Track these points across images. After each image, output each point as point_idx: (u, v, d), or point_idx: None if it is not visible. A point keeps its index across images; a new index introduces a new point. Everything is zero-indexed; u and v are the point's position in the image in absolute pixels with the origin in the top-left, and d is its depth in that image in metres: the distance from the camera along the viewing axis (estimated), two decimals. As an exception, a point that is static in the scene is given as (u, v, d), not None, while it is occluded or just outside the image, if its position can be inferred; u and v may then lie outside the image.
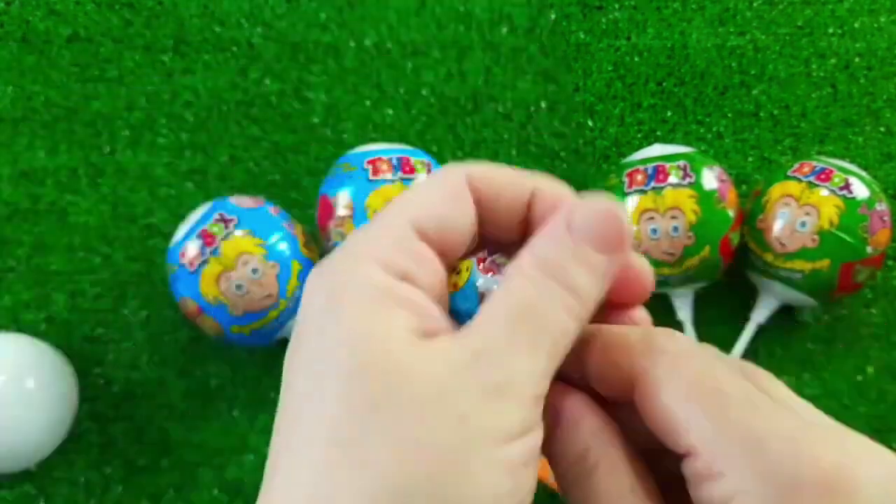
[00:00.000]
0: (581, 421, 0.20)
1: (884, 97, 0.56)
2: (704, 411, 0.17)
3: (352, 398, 0.17)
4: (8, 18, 0.56)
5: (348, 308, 0.18)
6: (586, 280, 0.19)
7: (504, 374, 0.17)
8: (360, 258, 0.19)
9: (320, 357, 0.18)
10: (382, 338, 0.17)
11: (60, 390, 0.45)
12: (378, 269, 0.18)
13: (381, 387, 0.17)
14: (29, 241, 0.51)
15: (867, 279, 0.46)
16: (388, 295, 0.18)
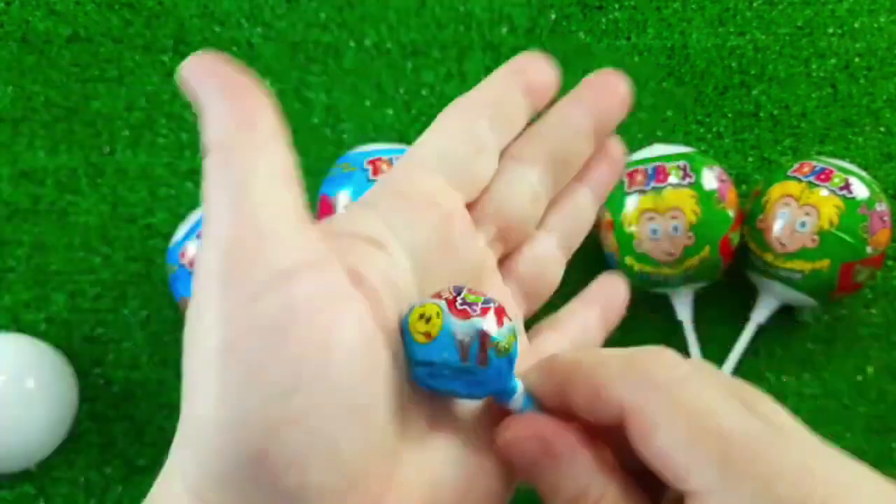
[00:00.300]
0: (577, 457, 0.18)
1: (884, 97, 0.56)
2: (706, 456, 0.16)
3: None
4: (8, 18, 0.56)
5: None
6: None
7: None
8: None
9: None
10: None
11: (60, 390, 0.45)
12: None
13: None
14: (29, 241, 0.51)
15: (867, 279, 0.46)
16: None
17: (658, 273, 0.45)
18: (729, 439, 0.16)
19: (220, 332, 0.16)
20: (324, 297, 0.17)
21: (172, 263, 0.44)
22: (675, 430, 0.17)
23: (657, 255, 0.45)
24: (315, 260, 0.17)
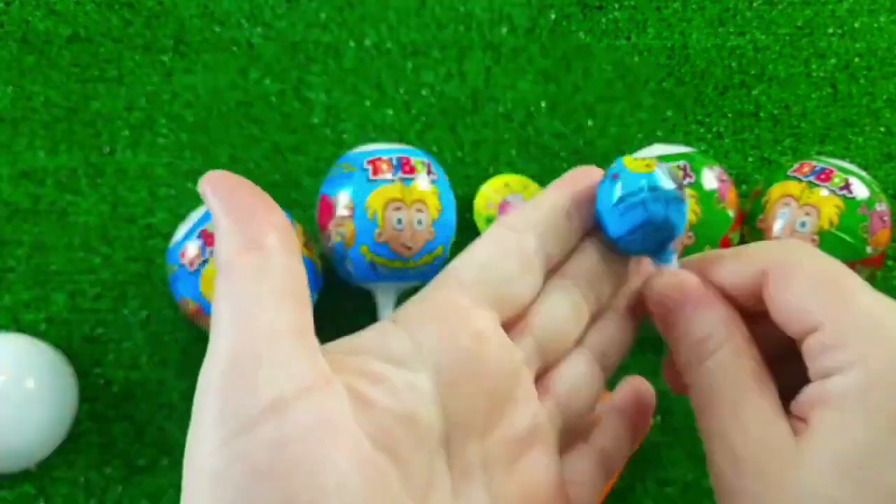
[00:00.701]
0: (713, 305, 0.21)
1: (884, 97, 0.56)
2: (833, 293, 0.19)
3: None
4: (7, 18, 0.56)
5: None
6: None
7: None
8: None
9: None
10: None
11: (60, 390, 0.45)
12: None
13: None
14: (28, 242, 0.51)
15: (867, 279, 0.46)
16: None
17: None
18: (851, 286, 0.19)
19: (213, 459, 0.16)
20: (317, 429, 0.17)
21: (172, 263, 0.44)
22: (809, 274, 0.20)
23: (657, 255, 0.45)
24: (313, 385, 0.17)
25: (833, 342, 0.19)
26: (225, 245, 0.19)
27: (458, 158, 0.54)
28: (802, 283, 0.20)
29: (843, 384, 0.18)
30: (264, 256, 0.18)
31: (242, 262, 0.18)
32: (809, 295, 0.19)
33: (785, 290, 0.20)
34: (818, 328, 0.19)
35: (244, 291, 0.18)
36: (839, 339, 0.19)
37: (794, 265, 0.20)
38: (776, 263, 0.20)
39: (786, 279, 0.20)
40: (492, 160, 0.54)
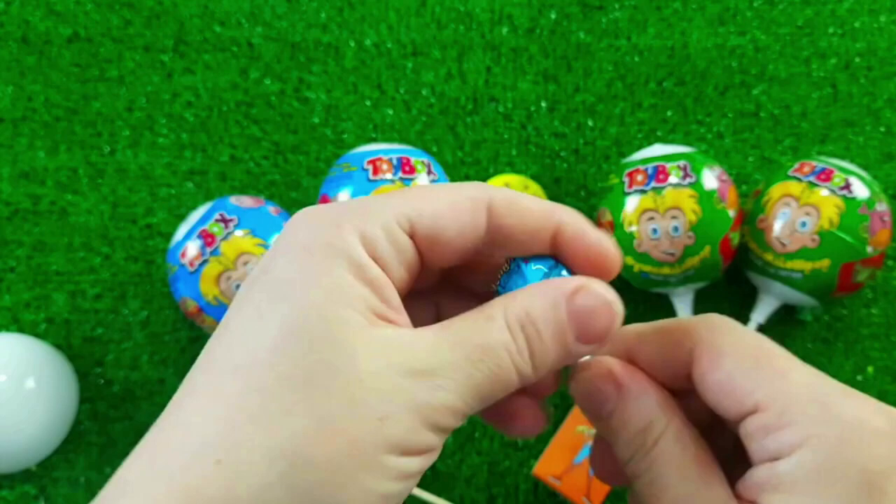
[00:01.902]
0: (648, 392, 0.21)
1: (884, 97, 0.56)
2: (770, 372, 0.19)
3: (290, 355, 0.17)
4: (7, 18, 0.56)
5: (320, 268, 0.18)
6: (552, 357, 0.19)
7: (437, 401, 0.18)
8: (349, 224, 0.19)
9: (275, 299, 0.18)
10: (340, 310, 0.18)
11: (60, 390, 0.46)
12: (359, 243, 0.19)
13: (320, 359, 0.17)
14: (29, 242, 0.51)
15: (867, 279, 0.46)
16: (360, 271, 0.18)
17: (658, 273, 0.45)
18: (786, 361, 0.19)
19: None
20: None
21: (173, 263, 0.44)
22: (741, 354, 0.19)
23: (657, 255, 0.45)
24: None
25: (776, 423, 0.18)
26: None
27: (459, 158, 0.54)
28: (734, 363, 0.19)
29: (792, 468, 0.18)
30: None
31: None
32: (743, 375, 0.19)
33: (716, 370, 0.20)
34: (757, 409, 0.19)
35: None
36: (782, 419, 0.18)
37: (723, 344, 0.20)
38: (703, 343, 0.20)
39: (716, 359, 0.20)
40: (492, 160, 0.54)
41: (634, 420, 0.20)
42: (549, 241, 0.21)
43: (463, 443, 0.48)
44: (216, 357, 0.18)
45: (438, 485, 0.47)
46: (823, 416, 0.18)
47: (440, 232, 0.20)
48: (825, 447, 0.17)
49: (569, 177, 0.54)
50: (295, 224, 0.19)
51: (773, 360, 0.19)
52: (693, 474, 0.19)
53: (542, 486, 0.47)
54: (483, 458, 0.47)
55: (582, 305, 0.19)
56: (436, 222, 0.19)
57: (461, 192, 0.20)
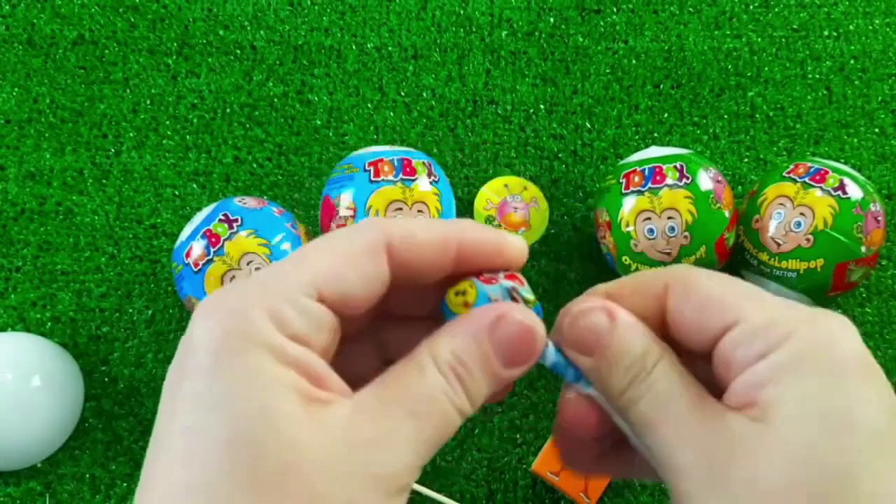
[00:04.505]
0: (638, 325, 0.21)
1: (878, 99, 0.57)
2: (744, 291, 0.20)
3: (237, 472, 0.17)
4: (13, 21, 0.57)
5: (241, 364, 0.18)
6: (485, 388, 0.20)
7: (394, 466, 0.18)
8: (255, 308, 0.18)
9: (206, 410, 0.17)
10: (273, 408, 0.17)
11: (66, 388, 0.46)
12: (271, 325, 0.18)
13: (268, 465, 0.17)
14: (35, 241, 0.52)
15: (861, 279, 0.46)
16: (281, 355, 0.18)
17: (655, 272, 0.46)
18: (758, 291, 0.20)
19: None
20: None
21: (178, 263, 0.45)
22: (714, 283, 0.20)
23: (654, 254, 0.45)
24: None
25: (762, 325, 0.19)
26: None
27: (459, 160, 0.55)
28: (709, 288, 0.20)
29: (781, 359, 0.18)
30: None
31: None
32: (720, 295, 0.20)
33: (693, 296, 0.21)
34: (740, 319, 0.19)
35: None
36: (764, 323, 0.19)
37: (695, 276, 0.21)
38: (676, 279, 0.21)
39: (692, 287, 0.21)
40: (492, 162, 0.55)
41: (632, 347, 0.21)
42: (452, 262, 0.21)
43: (462, 439, 0.48)
44: (157, 481, 0.17)
45: (438, 481, 0.47)
46: (802, 319, 0.19)
47: (347, 290, 0.19)
48: (809, 338, 0.18)
49: (567, 178, 0.54)
50: (201, 322, 0.18)
51: (744, 285, 0.20)
52: (693, 389, 0.20)
53: (540, 482, 0.47)
54: (482, 455, 0.48)
55: (503, 335, 0.20)
56: (340, 282, 0.19)
57: (356, 241, 0.20)
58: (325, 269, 0.19)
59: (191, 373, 0.18)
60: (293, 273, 0.19)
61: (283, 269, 0.19)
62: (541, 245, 0.52)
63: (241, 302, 0.18)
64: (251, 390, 0.17)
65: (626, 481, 0.47)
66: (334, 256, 0.20)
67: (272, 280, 0.19)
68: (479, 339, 0.20)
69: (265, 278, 0.19)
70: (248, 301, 0.18)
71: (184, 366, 0.18)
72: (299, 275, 0.19)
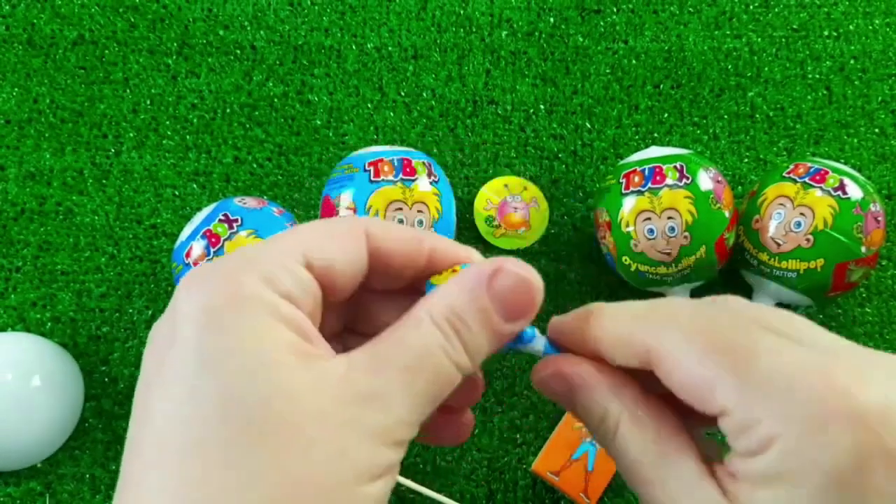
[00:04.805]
0: (594, 385, 0.21)
1: (878, 99, 0.57)
2: (728, 370, 0.18)
3: (236, 425, 0.17)
4: (13, 21, 0.57)
5: (234, 320, 0.17)
6: (485, 343, 0.20)
7: (389, 419, 0.18)
8: (245, 271, 0.18)
9: (198, 369, 0.17)
10: (269, 360, 0.17)
11: (66, 388, 0.46)
12: (263, 284, 0.18)
13: (266, 417, 0.17)
14: (35, 242, 0.52)
15: (861, 279, 0.46)
16: (274, 311, 0.18)
17: (655, 272, 0.46)
18: (746, 352, 0.18)
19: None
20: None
21: (178, 263, 0.45)
22: (696, 355, 0.19)
23: (654, 255, 0.45)
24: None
25: (744, 423, 0.18)
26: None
27: (459, 160, 0.55)
28: (692, 364, 0.19)
29: (765, 467, 0.17)
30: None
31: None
32: (704, 375, 0.18)
33: (676, 374, 0.19)
34: (724, 412, 0.18)
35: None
36: (749, 418, 0.18)
37: (677, 345, 0.19)
38: (658, 349, 0.19)
39: (673, 365, 0.19)
40: (492, 162, 0.55)
41: (591, 412, 0.21)
42: (424, 264, 0.21)
43: (463, 440, 0.48)
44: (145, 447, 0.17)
45: (438, 481, 0.47)
46: (788, 411, 0.17)
47: (332, 261, 0.20)
48: (791, 446, 0.17)
49: (567, 178, 0.54)
50: (186, 292, 0.18)
51: (734, 347, 0.18)
52: (658, 453, 0.20)
53: (540, 482, 0.47)
54: (482, 455, 0.48)
55: (501, 287, 0.20)
56: (326, 252, 0.20)
57: (339, 222, 0.21)
58: (311, 240, 0.20)
59: (180, 339, 0.18)
60: (281, 241, 0.20)
61: (271, 240, 0.20)
62: (541, 245, 0.52)
63: (229, 268, 0.19)
64: (246, 342, 0.17)
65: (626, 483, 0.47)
66: (320, 231, 0.20)
67: (260, 248, 0.19)
68: (477, 293, 0.19)
69: (251, 249, 0.19)
70: (237, 266, 0.19)
71: (171, 334, 0.18)
72: (288, 243, 0.19)
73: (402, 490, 0.46)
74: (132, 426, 0.18)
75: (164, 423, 0.17)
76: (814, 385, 0.17)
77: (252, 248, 0.19)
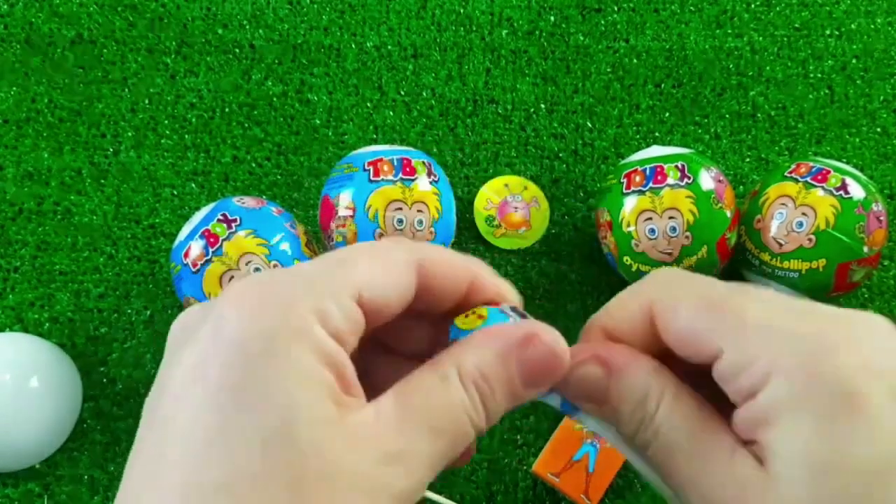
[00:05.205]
0: (636, 363, 0.21)
1: (880, 98, 0.57)
2: (724, 313, 0.19)
3: (269, 473, 0.16)
4: (11, 20, 0.57)
5: (283, 355, 0.17)
6: (503, 407, 0.20)
7: (413, 482, 0.18)
8: (301, 300, 0.18)
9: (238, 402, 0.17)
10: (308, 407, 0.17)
11: (64, 389, 0.46)
12: (315, 318, 0.18)
13: (300, 467, 0.16)
14: (33, 241, 0.52)
15: (863, 279, 0.46)
16: (320, 351, 0.18)
17: (656, 273, 0.46)
18: (737, 301, 0.19)
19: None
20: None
21: (176, 263, 0.44)
22: (692, 304, 0.20)
23: (655, 254, 0.45)
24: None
25: (741, 362, 0.18)
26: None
27: (459, 160, 0.55)
28: (689, 313, 0.20)
29: (769, 400, 0.18)
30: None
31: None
32: (699, 322, 0.19)
33: (673, 323, 0.20)
34: (721, 353, 0.19)
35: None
36: (746, 357, 0.18)
37: (675, 297, 0.20)
38: (657, 302, 0.21)
39: (671, 313, 0.20)
40: (492, 161, 0.55)
41: (631, 393, 0.21)
42: (465, 292, 0.21)
43: (463, 441, 0.48)
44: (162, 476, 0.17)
45: (438, 482, 0.47)
46: (784, 343, 0.18)
47: (384, 297, 0.19)
48: (793, 372, 0.18)
49: (567, 178, 0.54)
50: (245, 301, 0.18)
51: (727, 301, 0.19)
52: (698, 429, 0.20)
53: (541, 484, 0.47)
54: (483, 456, 0.48)
55: (531, 356, 0.20)
56: (379, 290, 0.19)
57: (394, 256, 0.20)
58: (368, 274, 0.19)
59: (222, 359, 0.17)
60: (340, 274, 0.19)
61: (329, 269, 0.19)
62: (541, 245, 0.52)
63: (286, 293, 0.18)
64: (291, 388, 0.17)
65: (627, 482, 0.47)
66: (377, 265, 0.20)
67: (319, 277, 0.19)
68: (506, 357, 0.20)
69: (311, 275, 0.19)
70: (293, 293, 0.18)
71: (213, 343, 0.17)
72: (346, 276, 0.19)
73: (402, 491, 0.46)
74: (147, 435, 0.17)
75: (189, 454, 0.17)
76: (805, 327, 0.18)
77: (309, 272, 0.19)
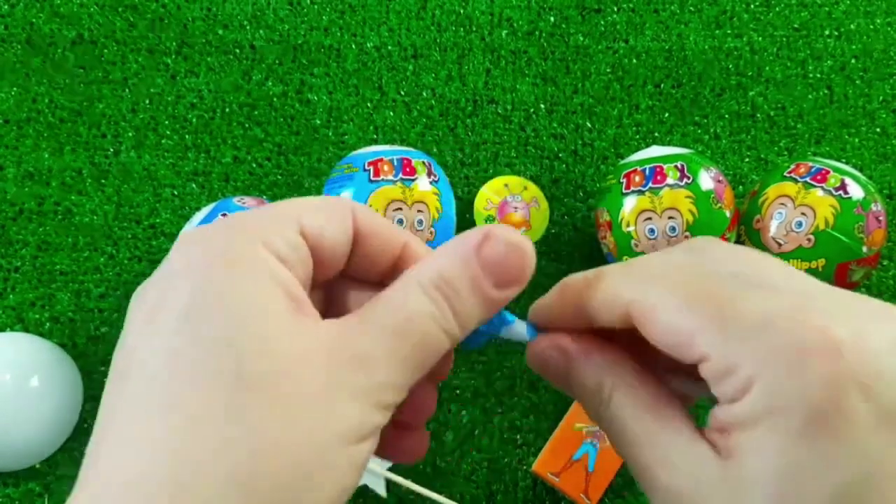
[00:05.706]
0: (590, 354, 0.21)
1: (879, 98, 0.57)
2: (706, 319, 0.18)
3: (222, 371, 0.17)
4: (12, 21, 0.57)
5: (230, 275, 0.18)
6: (476, 310, 0.20)
7: (378, 381, 0.18)
8: (241, 231, 0.19)
9: (193, 315, 0.17)
10: (264, 311, 0.17)
11: (65, 389, 0.46)
12: (259, 245, 0.18)
13: (257, 367, 0.17)
14: (34, 241, 0.52)
15: (863, 279, 0.46)
16: (269, 271, 0.18)
17: (656, 272, 0.46)
18: (720, 297, 0.18)
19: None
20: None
21: (176, 263, 0.44)
22: (673, 304, 0.19)
23: (655, 254, 0.45)
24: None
25: (723, 370, 0.18)
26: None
27: (459, 160, 0.55)
28: (670, 315, 0.19)
29: (746, 411, 0.17)
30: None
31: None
32: (681, 322, 0.19)
33: (653, 327, 0.19)
34: (703, 359, 0.18)
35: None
36: (727, 364, 0.18)
37: (651, 305, 0.19)
38: (632, 300, 0.20)
39: (652, 317, 0.19)
40: (492, 161, 0.55)
41: (586, 381, 0.21)
42: (398, 253, 0.22)
43: (463, 440, 0.48)
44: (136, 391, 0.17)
45: (438, 481, 0.47)
46: (765, 353, 0.17)
47: (324, 229, 0.20)
48: (771, 385, 0.17)
49: (567, 178, 0.54)
50: (187, 244, 0.19)
51: (712, 297, 0.18)
52: (649, 419, 0.20)
53: (540, 483, 0.47)
54: (483, 456, 0.48)
55: (492, 254, 0.19)
56: (319, 222, 0.20)
57: (331, 201, 0.21)
58: (305, 209, 0.20)
59: (173, 290, 0.18)
60: (277, 208, 0.20)
61: (266, 207, 0.20)
62: (541, 245, 0.52)
63: (225, 228, 0.19)
64: (241, 296, 0.17)
65: (627, 482, 0.47)
66: (313, 203, 0.20)
67: (255, 213, 0.20)
68: (466, 258, 0.19)
69: (247, 214, 0.20)
70: (233, 227, 0.19)
71: (165, 287, 0.18)
72: (284, 209, 0.20)
73: (402, 491, 0.46)
74: (113, 377, 0.18)
75: (153, 368, 0.17)
76: (790, 327, 0.17)
77: (247, 213, 0.20)
